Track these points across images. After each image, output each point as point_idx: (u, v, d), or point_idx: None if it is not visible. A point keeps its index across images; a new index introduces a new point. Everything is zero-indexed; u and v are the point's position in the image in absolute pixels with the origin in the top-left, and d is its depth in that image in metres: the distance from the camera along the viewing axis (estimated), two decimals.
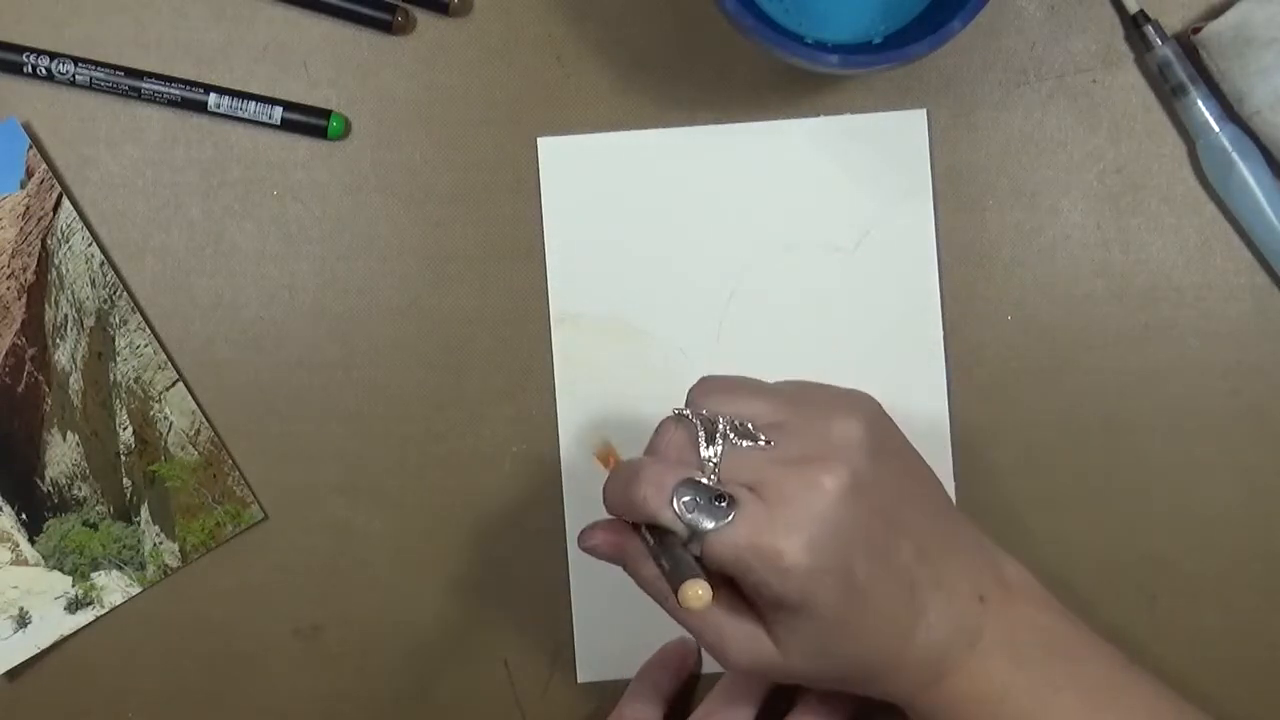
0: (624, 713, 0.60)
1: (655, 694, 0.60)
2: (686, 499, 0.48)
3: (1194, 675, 0.62)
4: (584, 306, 0.63)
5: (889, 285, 0.63)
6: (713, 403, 0.51)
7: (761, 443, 0.50)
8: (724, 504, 0.48)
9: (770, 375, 0.62)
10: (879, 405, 0.52)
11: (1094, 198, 0.63)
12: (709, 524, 0.48)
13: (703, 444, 0.49)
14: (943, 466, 0.62)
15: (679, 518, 0.48)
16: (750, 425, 0.50)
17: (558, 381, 0.63)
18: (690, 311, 0.63)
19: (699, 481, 0.48)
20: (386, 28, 0.63)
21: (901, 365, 0.63)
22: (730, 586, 0.50)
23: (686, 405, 0.52)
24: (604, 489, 0.51)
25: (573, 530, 0.63)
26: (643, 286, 0.63)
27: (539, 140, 0.63)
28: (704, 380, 0.53)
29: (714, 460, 0.49)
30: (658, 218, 0.63)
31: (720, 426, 0.50)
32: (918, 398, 0.63)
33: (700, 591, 0.45)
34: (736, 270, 0.63)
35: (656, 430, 0.51)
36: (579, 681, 0.63)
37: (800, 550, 0.47)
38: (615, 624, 0.63)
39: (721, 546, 0.48)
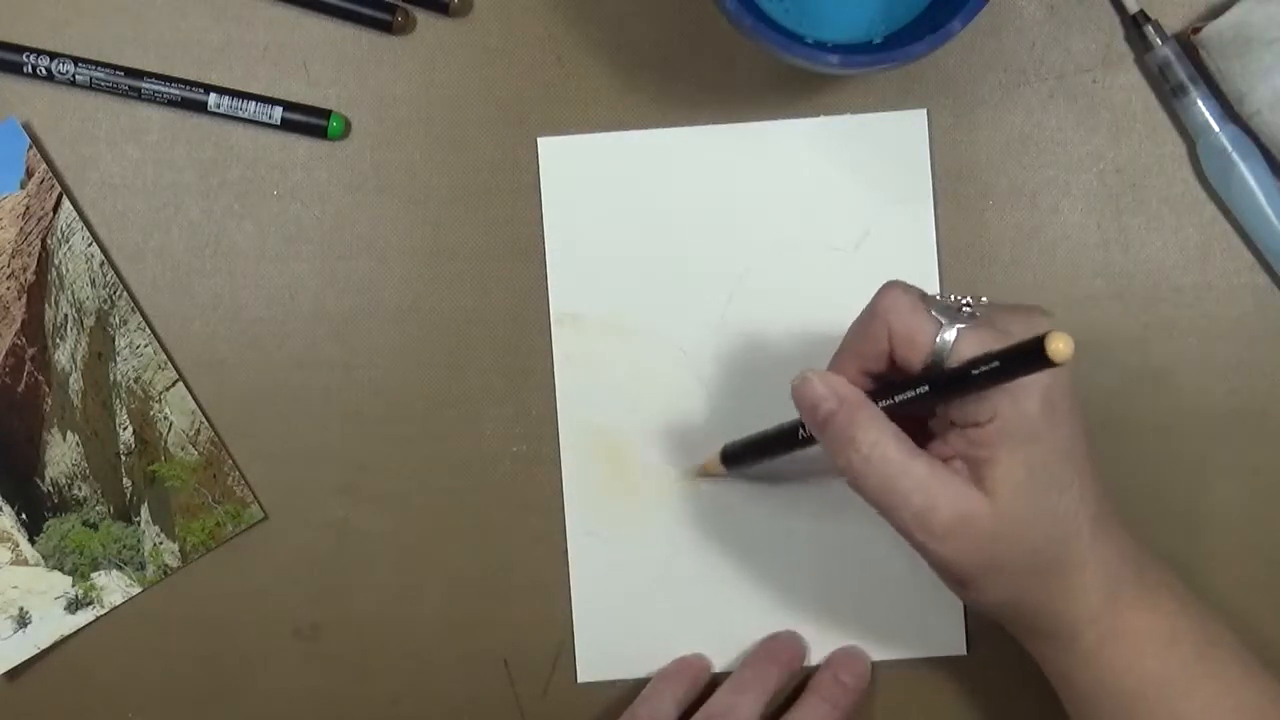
0: (639, 711, 0.60)
1: (669, 699, 0.60)
2: (931, 300, 0.50)
3: None
4: (584, 306, 0.63)
5: None
6: None
7: (969, 300, 0.52)
8: (967, 309, 0.50)
9: (770, 375, 0.62)
10: None
11: (1094, 198, 0.63)
12: (961, 324, 0.49)
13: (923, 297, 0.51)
14: None
15: (930, 311, 0.50)
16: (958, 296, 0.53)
17: (558, 381, 0.63)
18: (690, 311, 0.63)
19: (936, 297, 0.51)
20: (386, 28, 0.63)
21: None
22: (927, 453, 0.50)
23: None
24: (838, 350, 0.53)
25: (573, 530, 0.63)
26: (643, 286, 0.63)
27: (539, 140, 0.63)
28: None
29: (938, 295, 0.51)
30: (658, 217, 0.63)
31: (933, 292, 0.52)
32: None
33: (1064, 345, 0.43)
34: (736, 270, 0.63)
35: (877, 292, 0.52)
36: (579, 681, 0.63)
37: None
38: (615, 624, 0.63)
39: (977, 336, 0.49)
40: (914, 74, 0.63)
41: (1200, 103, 0.61)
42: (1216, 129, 0.61)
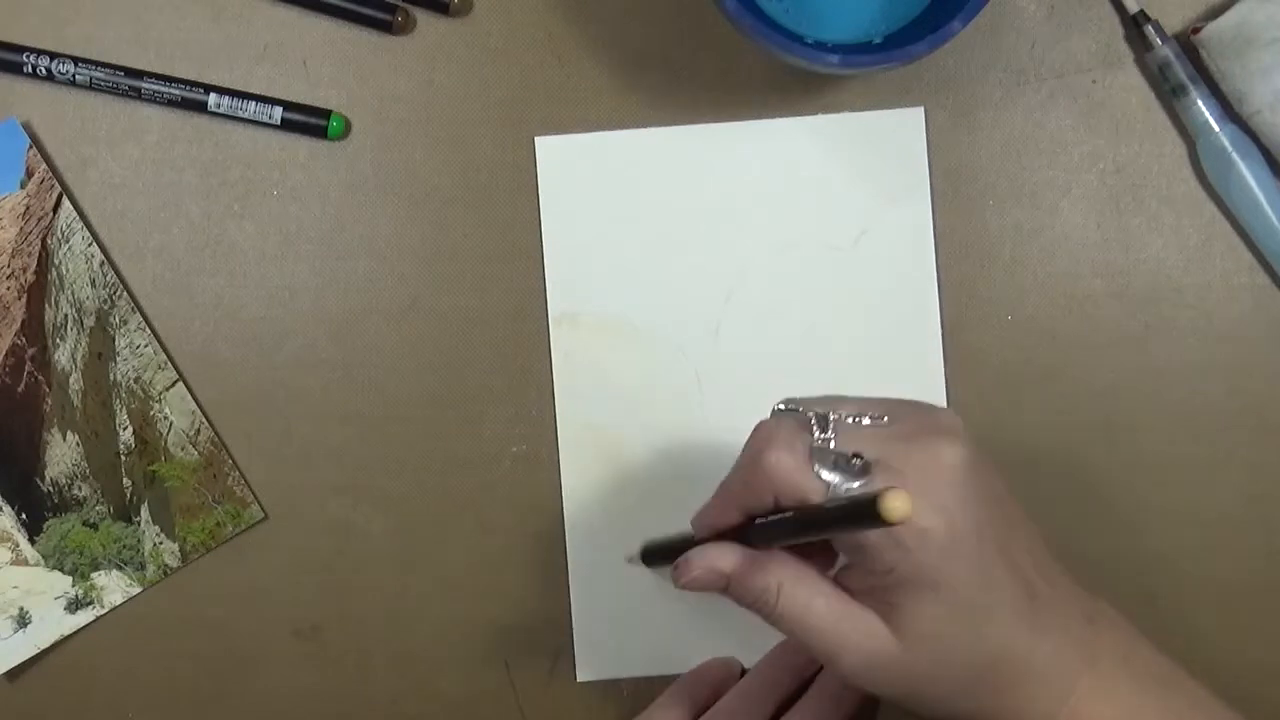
0: (654, 715, 0.60)
1: (689, 705, 0.60)
2: (820, 456, 0.46)
3: (1193, 675, 0.61)
4: (583, 306, 0.63)
5: (887, 284, 0.63)
6: (807, 405, 0.49)
7: (868, 421, 0.48)
8: (858, 461, 0.46)
9: (768, 374, 0.62)
10: None
11: (1094, 198, 0.63)
12: (854, 483, 0.45)
13: (815, 429, 0.47)
14: None
15: (819, 474, 0.46)
16: (855, 415, 0.48)
17: (557, 381, 0.63)
18: (689, 310, 0.63)
19: (825, 448, 0.47)
20: (386, 28, 0.63)
21: (900, 364, 0.63)
22: (837, 586, 0.48)
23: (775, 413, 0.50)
24: (718, 490, 0.50)
25: (572, 530, 0.63)
26: (642, 286, 0.63)
27: (536, 140, 0.63)
28: (786, 400, 0.51)
29: (828, 438, 0.47)
30: (656, 217, 0.63)
31: (828, 414, 0.48)
32: (916, 397, 0.62)
33: (899, 504, 0.40)
34: (735, 269, 0.63)
35: (755, 428, 0.48)
36: (579, 681, 0.63)
37: (936, 514, 0.45)
38: (615, 624, 0.63)
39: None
40: (914, 73, 0.63)
41: (1200, 103, 0.61)
42: (1216, 129, 0.61)
